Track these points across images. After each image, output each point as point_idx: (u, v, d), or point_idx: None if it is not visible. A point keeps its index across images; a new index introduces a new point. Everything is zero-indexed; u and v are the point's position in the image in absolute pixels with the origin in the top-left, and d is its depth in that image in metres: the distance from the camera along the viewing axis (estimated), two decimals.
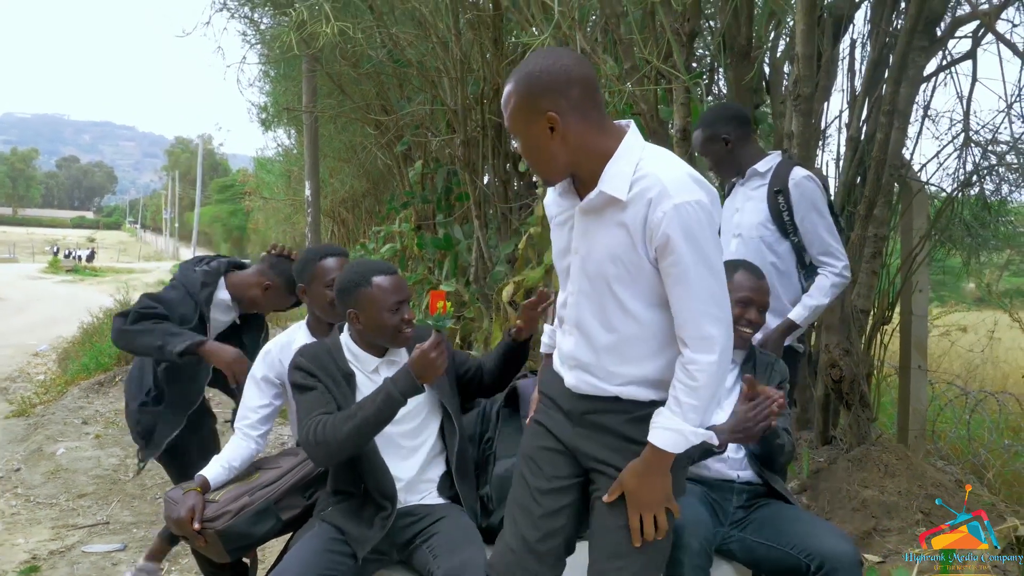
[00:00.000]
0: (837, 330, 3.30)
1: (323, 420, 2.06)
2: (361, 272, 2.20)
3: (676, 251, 1.56)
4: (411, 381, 2.03)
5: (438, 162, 8.31)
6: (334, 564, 2.07)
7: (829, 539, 2.11)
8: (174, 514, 2.23)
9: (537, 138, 1.63)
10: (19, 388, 7.83)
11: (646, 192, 1.57)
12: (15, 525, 4.14)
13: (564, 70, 1.61)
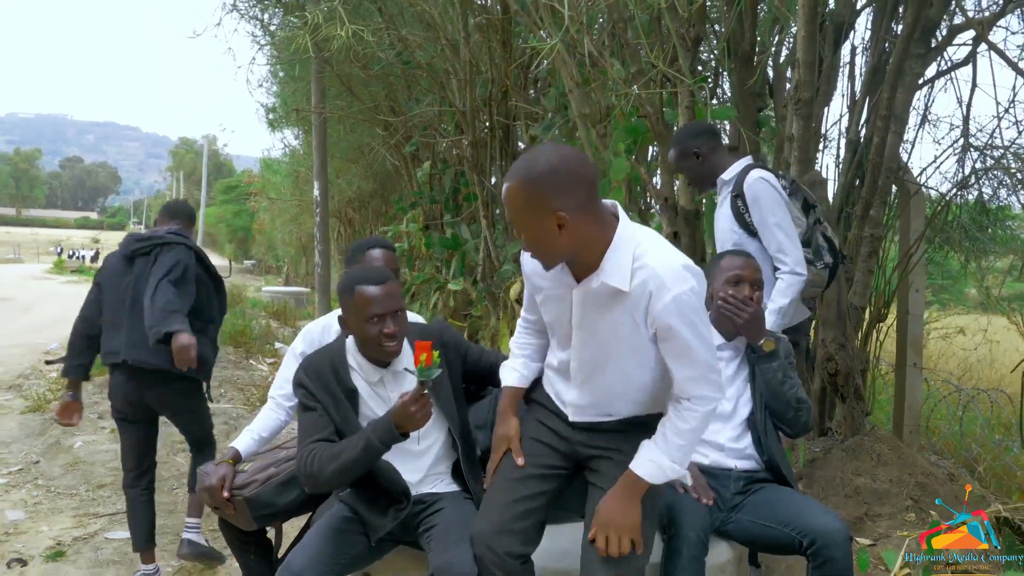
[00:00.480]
0: (834, 326, 3.43)
1: (314, 452, 2.10)
2: (349, 279, 2.19)
3: (677, 335, 1.78)
4: (391, 432, 2.04)
5: (446, 163, 8.44)
6: (349, 544, 2.18)
7: (820, 517, 2.21)
8: (206, 482, 2.38)
9: (544, 233, 1.74)
10: (33, 385, 7.97)
11: (646, 284, 1.76)
12: (38, 514, 4.27)
13: (572, 171, 1.72)
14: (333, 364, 2.24)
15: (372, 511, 2.23)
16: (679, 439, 1.84)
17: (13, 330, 12.63)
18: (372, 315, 2.14)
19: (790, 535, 2.20)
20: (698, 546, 2.09)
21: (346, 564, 2.17)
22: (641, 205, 5.12)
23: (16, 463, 5.22)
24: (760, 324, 2.45)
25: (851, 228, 3.88)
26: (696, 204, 4.26)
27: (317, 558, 2.10)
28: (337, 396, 2.20)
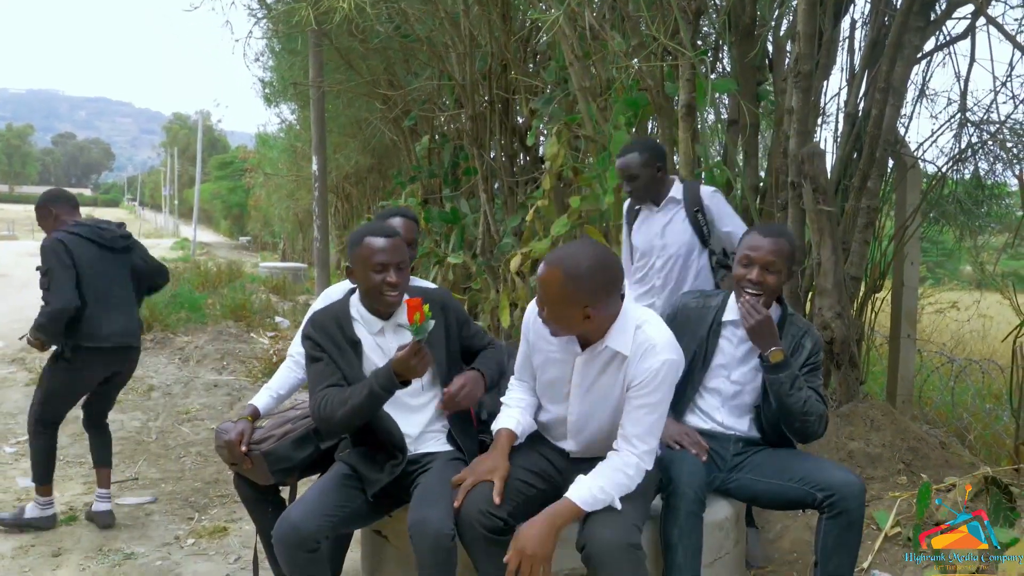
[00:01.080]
0: (830, 294, 3.50)
1: (326, 397, 2.25)
2: (360, 231, 2.36)
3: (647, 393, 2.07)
4: (391, 380, 2.19)
5: (445, 137, 8.45)
6: (348, 498, 2.28)
7: (837, 472, 2.30)
8: (224, 438, 2.47)
9: (569, 318, 2.05)
10: (35, 359, 8.02)
11: (641, 345, 2.08)
12: None
13: (607, 274, 2.03)
14: (337, 318, 2.37)
15: (370, 467, 2.34)
16: (620, 485, 2.05)
17: (12, 306, 12.63)
18: (377, 263, 2.27)
19: (803, 490, 2.28)
20: (695, 502, 2.17)
21: (344, 518, 2.26)
22: None
23: (23, 434, 5.28)
24: (768, 331, 2.40)
25: (848, 200, 3.93)
26: (695, 177, 4.32)
27: (315, 510, 2.19)
28: (342, 347, 2.33)
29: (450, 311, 2.47)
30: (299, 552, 2.15)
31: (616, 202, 4.71)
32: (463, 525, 2.08)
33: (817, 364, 2.47)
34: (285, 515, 2.19)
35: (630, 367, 2.09)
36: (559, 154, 5.55)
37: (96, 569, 3.22)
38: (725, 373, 2.49)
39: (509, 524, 2.09)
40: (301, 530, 2.14)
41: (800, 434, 2.42)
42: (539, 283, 2.06)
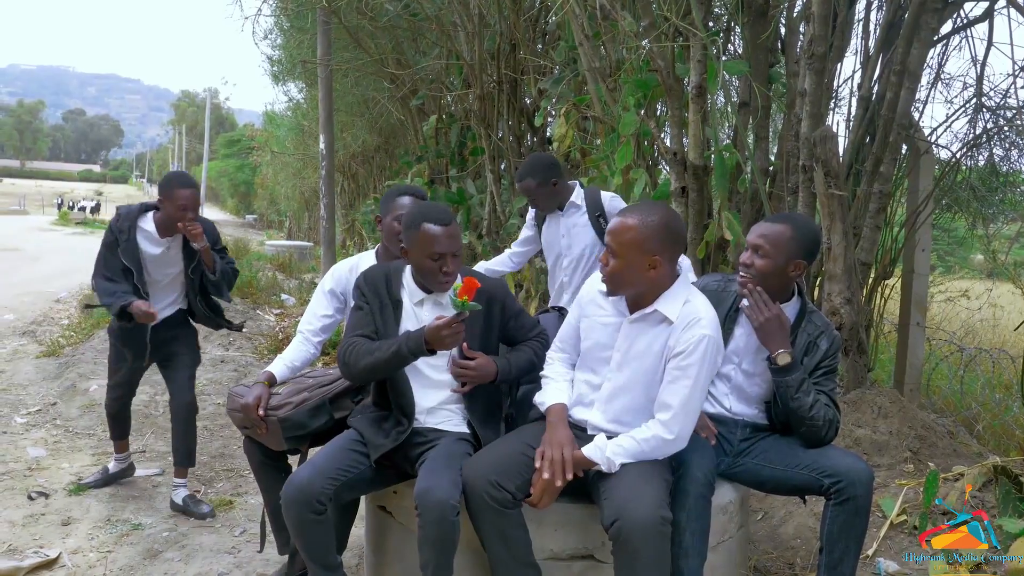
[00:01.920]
0: (840, 280, 3.48)
1: (355, 344, 2.33)
2: (418, 214, 2.36)
3: (687, 364, 2.11)
4: (420, 346, 2.24)
5: (452, 117, 8.40)
6: (352, 462, 2.31)
7: (845, 459, 2.29)
8: (241, 401, 2.49)
9: (635, 266, 2.13)
10: (46, 331, 8.07)
11: (687, 316, 2.15)
12: (58, 452, 4.39)
13: (677, 231, 2.17)
14: (388, 276, 2.46)
15: (376, 432, 2.38)
16: (636, 449, 2.10)
17: (23, 279, 12.73)
18: (434, 252, 2.31)
19: (811, 476, 2.27)
20: (706, 486, 2.17)
21: (349, 482, 2.28)
22: (649, 160, 5.13)
23: (35, 404, 5.33)
24: (776, 331, 2.33)
25: (860, 184, 3.90)
26: (705, 159, 4.29)
27: (321, 472, 2.23)
28: (384, 303, 2.41)
29: (496, 303, 2.47)
30: (305, 512, 2.18)
31: (625, 184, 4.69)
32: (471, 496, 2.10)
33: (833, 367, 2.41)
34: (292, 477, 2.24)
35: (673, 334, 2.14)
36: (567, 135, 5.52)
37: (104, 538, 3.25)
38: (736, 360, 2.47)
39: (517, 498, 2.10)
40: (306, 490, 2.18)
41: (806, 438, 2.36)
42: (611, 233, 2.15)
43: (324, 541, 2.25)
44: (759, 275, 2.36)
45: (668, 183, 4.53)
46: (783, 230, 2.35)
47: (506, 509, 2.08)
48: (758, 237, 2.37)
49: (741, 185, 4.31)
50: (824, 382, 2.38)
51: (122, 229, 3.49)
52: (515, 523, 2.11)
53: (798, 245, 2.34)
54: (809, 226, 2.43)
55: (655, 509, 1.96)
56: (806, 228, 2.40)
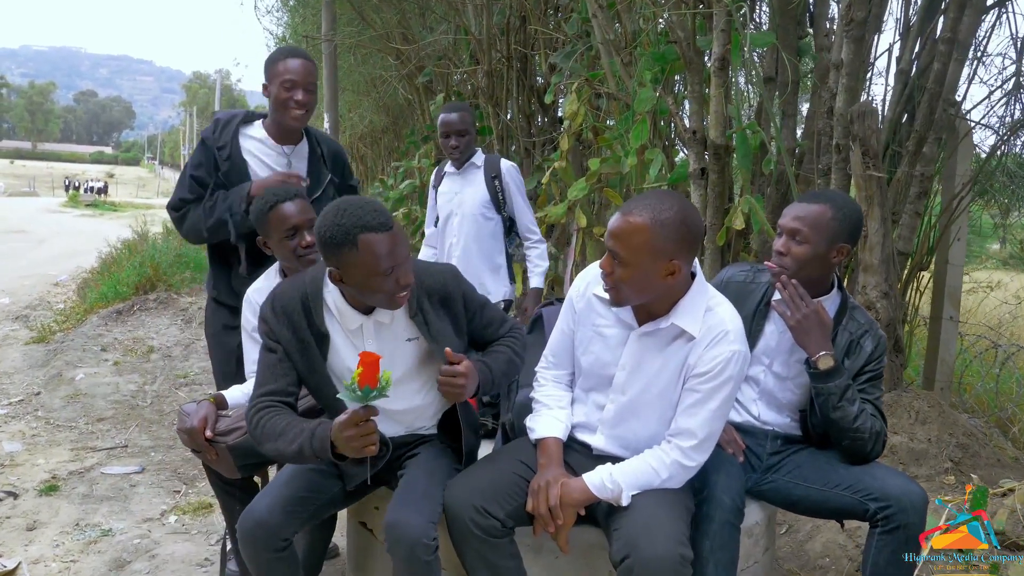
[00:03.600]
0: (877, 271, 3.16)
1: (261, 418, 1.87)
2: (346, 226, 1.77)
3: (713, 385, 1.81)
4: (325, 448, 1.77)
5: (460, 95, 8.10)
6: (320, 486, 2.00)
7: (895, 479, 1.98)
8: (187, 424, 2.18)
9: (651, 274, 1.76)
10: (39, 316, 7.86)
11: (712, 330, 1.81)
12: (35, 447, 4.15)
13: (695, 227, 1.78)
14: (305, 302, 1.93)
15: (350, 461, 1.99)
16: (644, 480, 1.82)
17: (26, 262, 12.56)
18: (386, 268, 1.79)
19: (853, 499, 1.97)
20: (733, 512, 1.87)
21: (317, 509, 2.00)
22: (666, 140, 4.82)
23: (17, 394, 5.10)
24: (815, 329, 2.00)
25: (898, 167, 3.57)
26: (727, 139, 3.97)
27: (282, 502, 1.92)
28: (305, 340, 1.92)
29: (453, 300, 2.00)
30: (264, 551, 1.89)
31: (639, 165, 4.39)
32: (453, 523, 1.82)
33: (878, 372, 2.10)
34: (249, 509, 1.93)
35: (694, 352, 1.82)
36: (579, 113, 5.19)
37: (70, 546, 3.00)
38: (766, 362, 2.16)
39: (507, 526, 1.82)
40: (267, 525, 1.88)
41: (850, 453, 2.06)
42: (614, 236, 1.76)
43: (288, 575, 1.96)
44: (796, 264, 2.04)
45: (686, 164, 4.22)
46: (823, 210, 2.02)
47: (493, 538, 1.80)
48: (794, 220, 2.04)
49: (766, 166, 3.99)
50: (869, 389, 2.08)
51: (221, 142, 2.63)
52: (505, 553, 1.83)
53: (840, 226, 2.02)
54: (851, 204, 2.11)
55: (673, 545, 1.67)
56: (848, 207, 2.07)
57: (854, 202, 2.18)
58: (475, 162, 3.62)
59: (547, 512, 1.80)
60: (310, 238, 2.27)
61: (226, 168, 2.62)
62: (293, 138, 2.70)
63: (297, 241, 2.29)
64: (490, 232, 3.61)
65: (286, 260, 2.37)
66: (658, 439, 1.89)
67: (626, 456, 1.90)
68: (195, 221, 2.62)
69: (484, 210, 3.58)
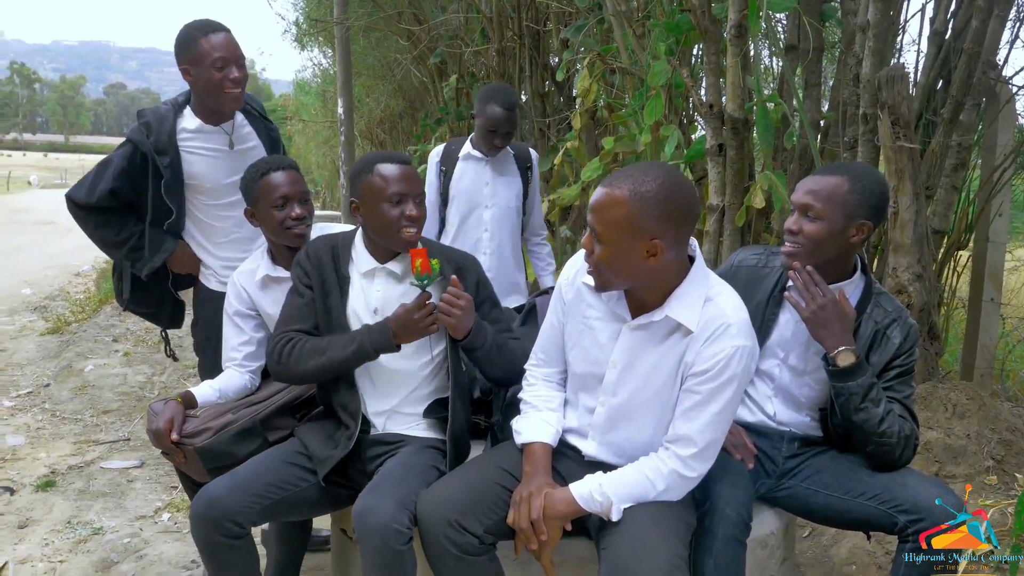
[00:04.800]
0: (909, 251, 2.92)
1: (294, 343, 1.93)
2: (368, 159, 1.97)
3: (715, 386, 1.60)
4: (387, 339, 1.85)
5: (474, 76, 7.92)
6: (289, 478, 1.89)
7: (928, 488, 1.75)
8: (152, 425, 2.04)
9: (628, 254, 1.57)
10: (57, 307, 7.84)
11: (710, 324, 1.61)
12: (39, 440, 4.07)
13: (684, 202, 1.57)
14: (335, 250, 2.05)
15: (324, 444, 1.95)
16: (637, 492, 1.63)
17: (51, 253, 12.65)
18: (393, 193, 1.91)
19: (880, 510, 1.76)
20: (739, 526, 1.68)
21: (282, 502, 1.87)
22: (683, 115, 4.59)
23: (27, 386, 5.04)
24: (834, 321, 1.78)
25: (932, 137, 3.32)
26: (746, 112, 3.74)
27: (242, 486, 1.81)
28: (330, 285, 2.01)
29: (469, 274, 2.03)
30: (214, 534, 1.76)
31: (654, 142, 4.17)
32: (427, 539, 1.65)
33: (909, 367, 1.87)
34: (204, 489, 1.81)
35: (692, 348, 1.62)
36: (591, 90, 4.98)
37: (59, 545, 2.90)
38: (781, 355, 1.95)
39: (485, 543, 1.64)
40: (218, 506, 1.76)
41: (876, 459, 1.86)
42: (593, 210, 1.58)
43: (242, 569, 1.83)
44: (810, 244, 1.82)
45: (703, 140, 3.99)
46: (838, 182, 1.80)
47: (470, 556, 1.62)
48: (806, 194, 1.83)
49: (788, 141, 3.76)
50: (898, 387, 1.85)
51: (159, 145, 2.40)
52: (484, 571, 1.65)
53: (860, 200, 1.79)
54: (872, 176, 1.88)
55: (669, 570, 1.49)
56: (869, 178, 1.85)
57: (877, 173, 1.95)
58: (506, 148, 3.24)
59: (529, 526, 1.62)
60: (299, 210, 2.19)
61: (168, 176, 2.43)
62: (227, 116, 2.51)
63: (286, 212, 2.19)
64: (519, 228, 3.34)
65: (272, 233, 2.24)
66: (655, 446, 1.69)
67: (620, 464, 1.70)
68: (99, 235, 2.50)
69: (518, 203, 3.28)
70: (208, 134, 2.49)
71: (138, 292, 2.62)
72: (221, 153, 2.50)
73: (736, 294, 1.68)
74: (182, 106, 2.50)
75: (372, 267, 2.01)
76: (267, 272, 2.26)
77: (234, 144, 2.52)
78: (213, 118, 2.48)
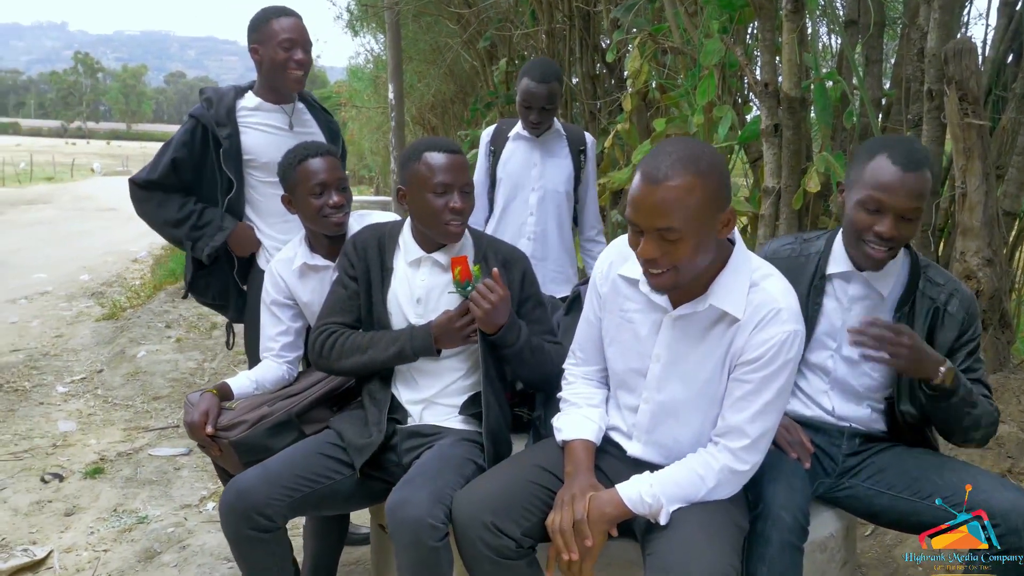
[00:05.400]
0: (978, 235, 2.73)
1: (337, 335, 1.96)
2: (417, 146, 1.95)
3: (766, 374, 1.52)
4: (428, 343, 1.89)
5: (524, 59, 7.81)
6: (323, 470, 1.86)
7: (1002, 492, 1.63)
8: (188, 418, 2.02)
9: (709, 234, 1.48)
10: (114, 292, 8.02)
11: (759, 310, 1.53)
12: (90, 426, 4.15)
13: (725, 167, 1.51)
14: (381, 240, 2.04)
15: (360, 432, 1.92)
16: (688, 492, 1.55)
17: (111, 239, 12.98)
18: (439, 183, 1.88)
19: (950, 514, 1.64)
20: (795, 531, 1.57)
21: (313, 495, 1.83)
22: (737, 95, 4.41)
23: (81, 371, 5.16)
24: (922, 352, 1.64)
25: (1002, 114, 3.11)
26: (803, 91, 3.56)
27: (273, 478, 1.77)
28: (375, 275, 2.00)
29: (515, 269, 2.00)
30: (243, 527, 1.73)
31: (707, 123, 4.03)
32: (462, 541, 1.58)
33: (975, 341, 1.75)
34: (235, 479, 1.79)
35: (740, 336, 1.53)
36: (642, 70, 4.83)
37: (104, 533, 2.93)
38: (833, 345, 1.83)
39: (523, 546, 1.57)
40: (248, 498, 1.73)
41: (961, 441, 1.78)
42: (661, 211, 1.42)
43: (270, 569, 1.79)
44: (899, 247, 1.71)
45: (758, 121, 3.82)
46: (928, 181, 1.66)
47: (507, 560, 1.55)
48: (910, 198, 1.64)
49: (847, 120, 3.57)
50: (973, 365, 1.75)
51: (219, 118, 2.46)
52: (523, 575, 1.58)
53: (933, 185, 1.72)
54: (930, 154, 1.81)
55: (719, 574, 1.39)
56: (935, 161, 1.75)
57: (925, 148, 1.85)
58: (558, 129, 3.08)
59: (571, 530, 1.53)
60: (337, 198, 2.16)
61: (226, 146, 2.46)
62: (289, 99, 2.58)
63: (324, 200, 2.15)
64: (569, 215, 3.15)
65: (310, 220, 2.21)
66: (703, 444, 1.61)
67: (666, 465, 1.61)
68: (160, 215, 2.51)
69: (568, 188, 3.10)
70: (268, 112, 2.55)
71: (202, 280, 2.63)
72: (280, 131, 2.55)
73: (783, 277, 1.58)
74: (244, 89, 2.59)
75: (418, 256, 1.98)
76: (305, 260, 2.23)
77: (294, 126, 2.57)
78: (275, 98, 2.54)
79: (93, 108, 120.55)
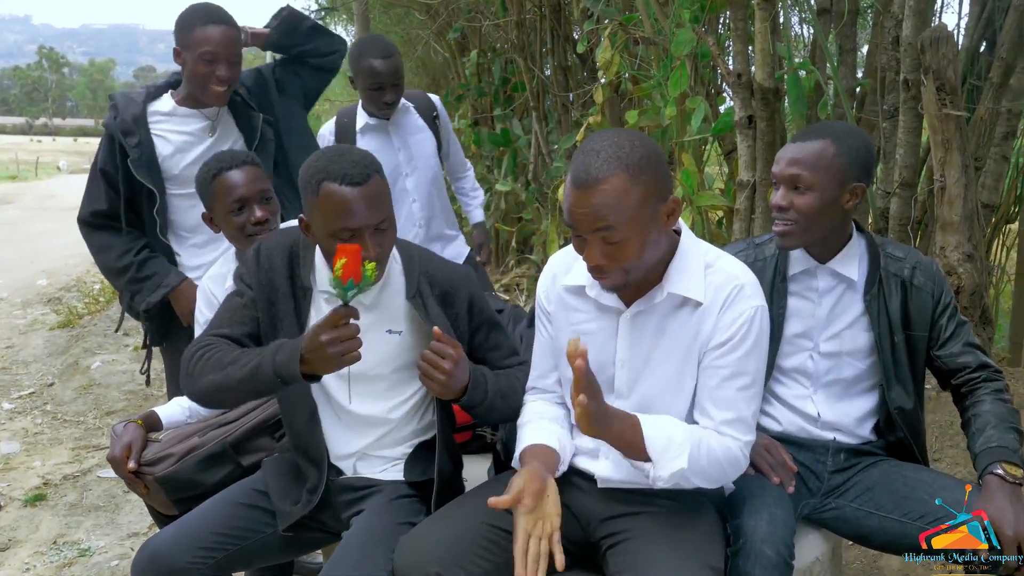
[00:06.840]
0: (958, 229, 2.62)
1: (206, 349, 1.53)
2: (313, 170, 1.51)
3: (746, 353, 1.45)
4: (293, 364, 1.42)
5: (495, 50, 7.66)
6: (251, 523, 1.65)
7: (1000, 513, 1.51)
8: (110, 453, 1.83)
9: (654, 229, 1.39)
10: (71, 298, 7.75)
11: (721, 290, 1.46)
12: (36, 446, 3.94)
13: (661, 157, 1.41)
14: (294, 250, 1.65)
15: (285, 492, 1.67)
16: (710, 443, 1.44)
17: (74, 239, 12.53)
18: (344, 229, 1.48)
19: None
20: (779, 567, 1.44)
21: (242, 553, 1.63)
22: (710, 86, 4.29)
23: (30, 385, 4.93)
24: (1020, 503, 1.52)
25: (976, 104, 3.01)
26: (776, 81, 3.45)
27: (191, 537, 1.57)
28: (281, 291, 1.61)
29: (458, 299, 1.67)
30: None
31: (680, 115, 3.91)
32: None
33: (952, 304, 1.72)
34: (150, 539, 1.59)
35: (707, 321, 1.45)
36: (613, 61, 4.70)
37: (41, 569, 2.75)
38: (809, 345, 1.73)
39: None
40: (163, 562, 1.53)
41: None
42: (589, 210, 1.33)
43: None
44: (804, 219, 1.65)
45: (731, 112, 3.71)
46: (823, 146, 1.63)
47: None
48: (791, 165, 1.64)
49: (822, 110, 3.46)
50: (958, 331, 1.71)
51: (125, 127, 2.29)
52: None
53: (849, 161, 1.63)
54: (855, 134, 1.71)
55: None
56: (853, 137, 1.68)
57: (858, 130, 1.78)
58: (403, 103, 2.82)
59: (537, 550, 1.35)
60: (260, 213, 1.95)
61: (135, 155, 2.28)
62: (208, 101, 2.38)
63: (245, 216, 1.95)
64: (443, 183, 3.04)
65: (233, 240, 2.03)
66: None
67: (638, 486, 1.48)
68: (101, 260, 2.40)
69: (436, 159, 2.94)
70: (183, 118, 2.39)
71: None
72: (196, 138, 2.37)
73: (733, 256, 1.55)
74: (161, 89, 2.42)
75: None
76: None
77: (216, 130, 2.40)
78: (196, 103, 2.39)
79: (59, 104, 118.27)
